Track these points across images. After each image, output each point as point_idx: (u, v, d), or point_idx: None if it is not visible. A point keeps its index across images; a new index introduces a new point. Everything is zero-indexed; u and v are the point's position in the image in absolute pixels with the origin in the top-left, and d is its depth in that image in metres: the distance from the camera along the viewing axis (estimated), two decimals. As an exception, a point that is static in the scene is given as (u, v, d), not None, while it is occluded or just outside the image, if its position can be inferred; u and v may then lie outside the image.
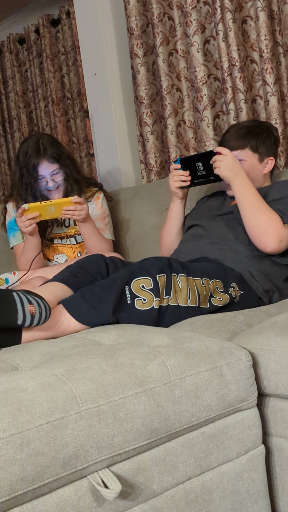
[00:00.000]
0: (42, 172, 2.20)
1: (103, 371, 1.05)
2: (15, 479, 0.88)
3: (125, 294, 1.48)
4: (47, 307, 1.37)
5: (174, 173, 1.97)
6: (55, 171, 2.22)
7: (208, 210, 2.02)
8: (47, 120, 3.87)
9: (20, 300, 1.34)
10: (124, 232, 2.51)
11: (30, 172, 2.20)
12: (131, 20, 2.65)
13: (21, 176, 2.23)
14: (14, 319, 1.32)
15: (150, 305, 1.48)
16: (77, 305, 1.48)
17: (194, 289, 1.57)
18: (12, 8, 3.99)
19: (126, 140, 2.86)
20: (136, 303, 1.48)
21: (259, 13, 2.26)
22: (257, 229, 1.74)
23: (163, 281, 1.51)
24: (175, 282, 1.54)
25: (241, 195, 1.79)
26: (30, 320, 1.34)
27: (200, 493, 1.12)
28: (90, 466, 0.97)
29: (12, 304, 1.33)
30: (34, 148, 2.20)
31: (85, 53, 2.89)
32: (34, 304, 1.34)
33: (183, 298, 1.54)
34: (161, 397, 1.06)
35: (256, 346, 1.25)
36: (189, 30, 2.49)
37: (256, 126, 1.99)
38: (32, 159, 2.19)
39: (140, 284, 1.49)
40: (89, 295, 1.49)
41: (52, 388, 0.98)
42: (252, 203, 1.77)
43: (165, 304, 1.51)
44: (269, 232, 1.72)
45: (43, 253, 2.29)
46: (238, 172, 1.80)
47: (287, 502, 1.23)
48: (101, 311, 1.46)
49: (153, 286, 1.49)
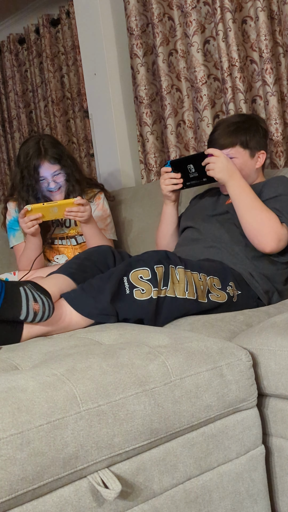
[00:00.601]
0: (43, 174, 2.20)
1: (103, 371, 1.05)
2: (15, 479, 0.88)
3: (124, 285, 1.48)
4: (51, 306, 1.38)
5: (166, 176, 1.95)
6: (57, 172, 2.22)
7: (202, 210, 2.00)
8: (47, 120, 3.87)
9: (26, 296, 1.35)
10: (124, 232, 2.52)
11: (31, 173, 2.19)
12: (131, 20, 2.65)
13: (22, 178, 2.22)
14: (17, 314, 1.34)
15: (149, 295, 1.48)
16: (76, 297, 1.49)
17: (191, 282, 1.57)
18: (12, 8, 3.99)
19: (125, 140, 2.86)
20: (135, 293, 1.48)
21: (259, 13, 2.26)
22: (255, 230, 1.74)
23: (161, 272, 1.51)
24: (173, 273, 1.54)
25: (237, 196, 1.77)
26: (33, 317, 1.35)
27: (200, 493, 1.12)
28: (90, 466, 0.97)
29: (18, 299, 1.34)
30: (34, 149, 2.19)
31: (85, 53, 2.89)
32: (39, 302, 1.36)
33: (181, 290, 1.54)
34: (161, 397, 1.06)
35: (256, 346, 1.25)
36: (189, 30, 2.49)
37: (244, 121, 1.96)
38: (33, 160, 2.18)
39: (138, 275, 1.49)
40: (88, 286, 1.50)
41: (52, 388, 0.98)
42: (249, 203, 1.75)
43: (162, 295, 1.51)
44: (267, 232, 1.71)
45: (43, 254, 2.29)
46: (232, 172, 1.79)
47: (287, 502, 1.23)
48: (99, 300, 1.46)
49: (151, 276, 1.49)
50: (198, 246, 1.86)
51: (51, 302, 1.39)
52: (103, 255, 1.69)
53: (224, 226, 1.87)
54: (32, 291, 1.36)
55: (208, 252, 1.82)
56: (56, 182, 2.23)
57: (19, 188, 2.25)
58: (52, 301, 1.40)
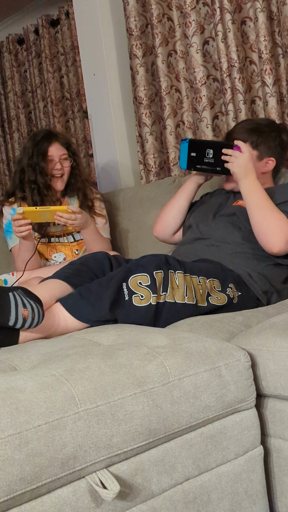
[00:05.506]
0: (53, 152, 2.26)
1: (102, 371, 1.04)
2: (14, 479, 0.88)
3: (123, 291, 1.48)
4: (41, 313, 1.37)
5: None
6: (65, 156, 2.28)
7: (210, 208, 2.01)
8: (46, 121, 3.87)
9: (15, 302, 1.33)
10: (123, 233, 2.51)
11: (40, 151, 2.24)
12: (130, 21, 2.65)
13: (30, 157, 2.25)
14: (6, 320, 1.33)
15: (148, 302, 1.48)
16: (74, 302, 1.48)
17: (191, 287, 1.57)
18: (11, 8, 3.99)
19: (125, 141, 2.86)
20: (134, 300, 1.47)
21: (258, 14, 2.26)
22: (264, 229, 1.74)
23: (160, 278, 1.51)
24: (172, 278, 1.53)
25: (249, 194, 1.78)
26: (22, 323, 1.34)
27: (198, 494, 1.12)
28: (89, 467, 0.97)
29: (7, 305, 1.33)
30: (45, 133, 2.29)
31: (84, 54, 2.89)
32: (28, 308, 1.34)
33: (180, 295, 1.54)
34: (159, 398, 1.06)
35: (254, 347, 1.25)
36: (188, 31, 2.49)
37: (266, 125, 1.98)
38: (44, 141, 2.25)
39: (138, 280, 1.49)
40: (86, 292, 1.49)
41: (50, 388, 0.97)
42: (260, 203, 1.76)
43: (162, 300, 1.51)
44: (276, 232, 1.72)
45: (40, 252, 2.29)
46: (249, 171, 1.80)
47: (285, 502, 1.23)
48: (98, 308, 1.46)
49: (150, 282, 1.49)
50: (200, 244, 1.87)
51: (41, 308, 1.37)
52: (99, 262, 1.68)
53: (228, 226, 1.87)
54: (21, 297, 1.35)
55: (209, 250, 1.83)
56: (62, 166, 2.27)
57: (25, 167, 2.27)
58: (43, 308, 1.38)
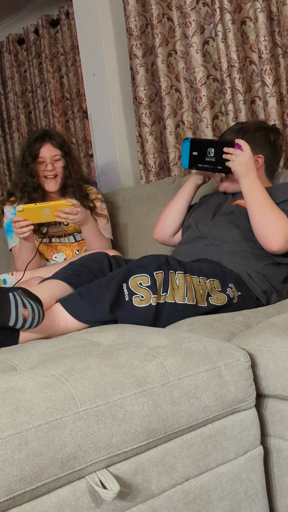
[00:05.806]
0: (43, 154, 2.25)
1: (102, 371, 1.04)
2: (14, 479, 0.88)
3: (123, 292, 1.48)
4: (41, 313, 1.37)
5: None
6: (57, 157, 2.26)
7: (209, 208, 2.02)
8: (46, 121, 3.87)
9: (15, 302, 1.34)
10: (123, 233, 2.51)
11: (32, 153, 2.24)
12: (130, 21, 2.65)
13: (23, 159, 2.27)
14: (6, 320, 1.33)
15: (148, 302, 1.48)
16: (74, 303, 1.48)
17: (191, 287, 1.57)
18: (11, 8, 3.99)
19: (125, 141, 2.86)
20: (134, 300, 1.47)
21: (258, 14, 2.26)
22: (264, 227, 1.74)
23: (160, 278, 1.51)
24: (172, 279, 1.54)
25: (250, 192, 1.78)
26: (22, 323, 1.34)
27: (198, 494, 1.12)
28: (89, 467, 0.97)
29: (7, 305, 1.33)
30: (40, 133, 2.28)
31: (84, 54, 2.89)
32: (28, 308, 1.34)
33: (180, 295, 1.54)
34: (159, 398, 1.06)
35: (254, 347, 1.25)
36: (188, 31, 2.49)
37: (252, 124, 2.01)
38: (37, 141, 2.25)
39: (138, 281, 1.49)
40: (86, 293, 1.49)
41: (50, 388, 0.98)
42: (260, 201, 1.76)
43: (162, 301, 1.51)
44: (276, 230, 1.72)
45: (40, 253, 2.29)
46: (250, 170, 1.80)
47: (285, 503, 1.23)
48: (98, 309, 1.46)
49: (151, 283, 1.49)
50: (199, 244, 1.87)
51: (41, 308, 1.37)
52: (98, 263, 1.68)
53: (227, 225, 1.88)
54: (22, 297, 1.35)
55: (208, 250, 1.83)
56: (54, 167, 2.25)
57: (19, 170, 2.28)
58: (43, 308, 1.38)
